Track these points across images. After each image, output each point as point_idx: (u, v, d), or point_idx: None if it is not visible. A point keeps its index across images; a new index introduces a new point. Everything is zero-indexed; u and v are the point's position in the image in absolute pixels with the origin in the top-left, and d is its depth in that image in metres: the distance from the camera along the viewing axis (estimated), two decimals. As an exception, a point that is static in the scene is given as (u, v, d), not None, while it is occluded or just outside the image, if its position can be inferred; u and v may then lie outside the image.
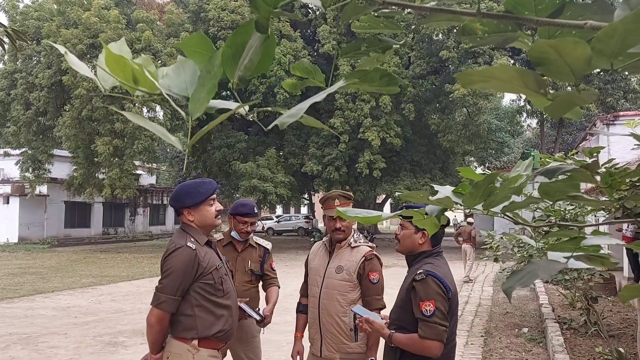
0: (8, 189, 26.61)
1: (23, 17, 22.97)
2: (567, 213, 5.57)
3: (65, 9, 22.36)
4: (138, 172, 24.88)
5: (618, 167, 1.98)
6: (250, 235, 3.70)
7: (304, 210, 47.48)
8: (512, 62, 23.95)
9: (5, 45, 4.77)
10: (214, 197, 2.78)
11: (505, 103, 38.14)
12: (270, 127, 0.83)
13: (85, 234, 30.05)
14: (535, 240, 3.87)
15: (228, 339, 2.76)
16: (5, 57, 22.82)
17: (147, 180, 35.08)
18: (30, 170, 23.63)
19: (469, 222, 13.58)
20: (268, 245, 3.79)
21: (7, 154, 26.37)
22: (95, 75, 0.80)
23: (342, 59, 19.52)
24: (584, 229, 1.05)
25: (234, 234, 3.65)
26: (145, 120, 0.80)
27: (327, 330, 3.02)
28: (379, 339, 2.79)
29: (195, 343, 2.59)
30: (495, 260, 8.18)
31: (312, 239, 24.17)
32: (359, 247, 3.08)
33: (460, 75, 0.67)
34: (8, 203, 26.67)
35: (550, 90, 0.68)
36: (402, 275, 2.66)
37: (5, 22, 22.98)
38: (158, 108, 22.69)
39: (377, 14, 0.89)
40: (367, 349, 2.97)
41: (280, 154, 24.88)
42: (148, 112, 23.18)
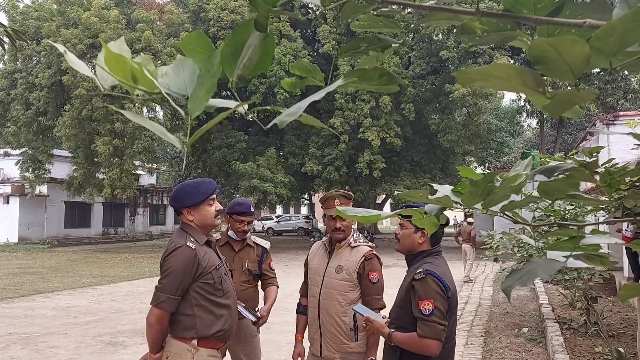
0: (8, 189, 26.63)
1: (23, 17, 22.98)
2: (567, 213, 5.57)
3: (65, 9, 22.37)
4: (138, 172, 24.88)
5: (617, 166, 1.97)
6: (248, 235, 3.67)
7: (304, 211, 47.50)
8: (512, 62, 23.93)
9: (5, 45, 4.77)
10: (214, 197, 2.78)
11: (506, 103, 38.18)
12: (270, 125, 0.83)
13: (85, 234, 30.05)
14: (535, 240, 3.87)
15: (227, 339, 2.76)
16: (5, 57, 22.82)
17: (147, 180, 35.09)
18: (30, 170, 23.63)
19: (469, 222, 13.57)
20: (266, 245, 3.76)
21: (7, 154, 26.37)
22: (95, 75, 0.80)
23: (342, 59, 19.52)
24: (584, 229, 1.05)
25: (231, 234, 3.63)
26: (145, 120, 0.80)
27: (327, 330, 3.01)
28: (379, 339, 2.79)
29: (195, 343, 2.59)
30: (495, 260, 8.18)
31: (312, 239, 24.18)
32: (359, 246, 3.07)
33: (459, 74, 0.67)
34: (8, 203, 26.68)
35: (550, 89, 0.68)
36: (402, 275, 2.66)
37: (5, 22, 22.98)
38: (158, 108, 22.70)
39: (376, 13, 0.89)
40: (367, 349, 2.96)
41: (280, 154, 24.88)
42: (148, 112, 23.18)
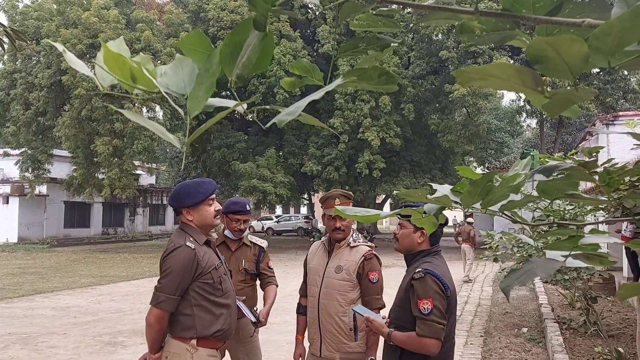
0: (8, 189, 26.61)
1: (22, 17, 22.97)
2: (566, 213, 5.57)
3: (65, 9, 22.36)
4: (138, 172, 24.87)
5: (616, 166, 1.97)
6: (245, 234, 3.65)
7: (304, 211, 47.52)
8: (512, 61, 23.94)
9: (5, 45, 4.77)
10: (214, 197, 2.77)
11: (505, 103, 38.19)
12: (269, 125, 0.83)
13: (85, 234, 30.04)
14: (534, 240, 3.87)
15: (227, 339, 2.76)
16: (5, 57, 22.80)
17: (146, 180, 35.08)
18: (30, 170, 23.62)
19: (469, 222, 13.57)
20: (263, 244, 3.73)
21: (6, 154, 26.36)
22: (94, 74, 0.80)
23: (342, 59, 19.53)
24: (583, 228, 1.05)
25: (228, 233, 3.61)
26: (144, 119, 0.80)
27: (326, 330, 3.01)
28: (379, 339, 2.79)
29: (194, 342, 2.59)
30: (495, 260, 8.18)
31: (311, 239, 24.17)
32: (358, 246, 3.07)
33: (458, 73, 0.67)
34: (8, 203, 26.67)
35: (549, 89, 0.68)
36: (401, 275, 2.66)
37: (5, 22, 22.97)
38: (157, 108, 22.69)
39: (375, 13, 0.89)
40: (367, 349, 2.96)
41: (280, 154, 24.88)
42: (147, 112, 23.18)
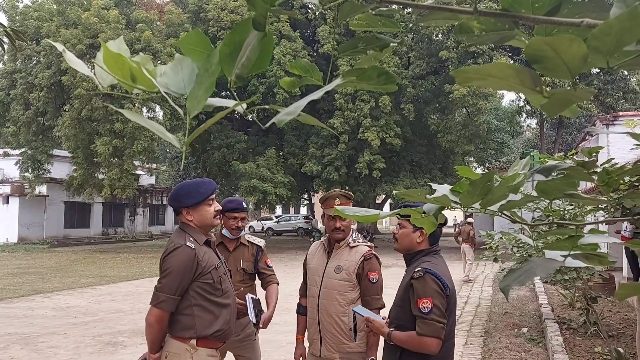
0: (8, 189, 26.61)
1: (22, 17, 22.97)
2: (566, 213, 5.57)
3: (65, 9, 22.37)
4: (138, 172, 24.87)
5: (616, 166, 1.98)
6: (242, 234, 3.65)
7: (304, 211, 47.51)
8: (512, 62, 23.93)
9: (5, 45, 4.77)
10: (213, 197, 2.78)
11: (505, 103, 38.18)
12: (268, 124, 0.83)
13: (85, 234, 30.03)
14: (534, 240, 3.87)
15: (227, 339, 2.76)
16: (5, 57, 22.80)
17: (146, 181, 35.08)
18: (30, 171, 23.62)
19: (469, 222, 13.58)
20: (260, 243, 3.73)
21: (6, 154, 26.37)
22: (94, 74, 0.80)
23: (341, 60, 19.52)
24: (582, 228, 1.05)
25: (225, 232, 3.61)
26: (144, 119, 0.80)
27: (326, 330, 3.01)
28: (379, 339, 2.79)
29: (194, 342, 2.59)
30: (495, 261, 8.18)
31: (311, 239, 24.18)
32: (358, 246, 3.07)
33: (457, 73, 0.67)
34: (8, 203, 26.67)
35: (549, 89, 0.68)
36: (401, 275, 2.66)
37: (5, 22, 22.97)
38: (157, 108, 22.70)
39: (375, 13, 0.89)
40: (367, 349, 2.96)
41: (280, 154, 24.88)
42: (147, 112, 23.19)
